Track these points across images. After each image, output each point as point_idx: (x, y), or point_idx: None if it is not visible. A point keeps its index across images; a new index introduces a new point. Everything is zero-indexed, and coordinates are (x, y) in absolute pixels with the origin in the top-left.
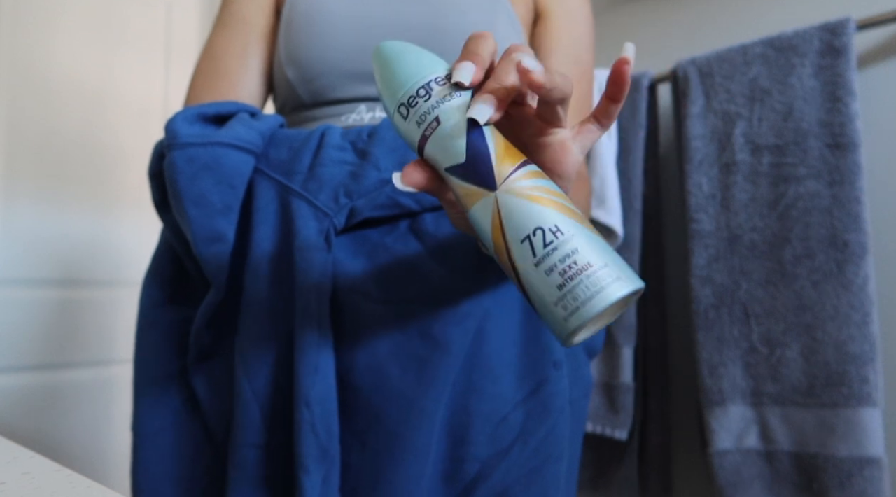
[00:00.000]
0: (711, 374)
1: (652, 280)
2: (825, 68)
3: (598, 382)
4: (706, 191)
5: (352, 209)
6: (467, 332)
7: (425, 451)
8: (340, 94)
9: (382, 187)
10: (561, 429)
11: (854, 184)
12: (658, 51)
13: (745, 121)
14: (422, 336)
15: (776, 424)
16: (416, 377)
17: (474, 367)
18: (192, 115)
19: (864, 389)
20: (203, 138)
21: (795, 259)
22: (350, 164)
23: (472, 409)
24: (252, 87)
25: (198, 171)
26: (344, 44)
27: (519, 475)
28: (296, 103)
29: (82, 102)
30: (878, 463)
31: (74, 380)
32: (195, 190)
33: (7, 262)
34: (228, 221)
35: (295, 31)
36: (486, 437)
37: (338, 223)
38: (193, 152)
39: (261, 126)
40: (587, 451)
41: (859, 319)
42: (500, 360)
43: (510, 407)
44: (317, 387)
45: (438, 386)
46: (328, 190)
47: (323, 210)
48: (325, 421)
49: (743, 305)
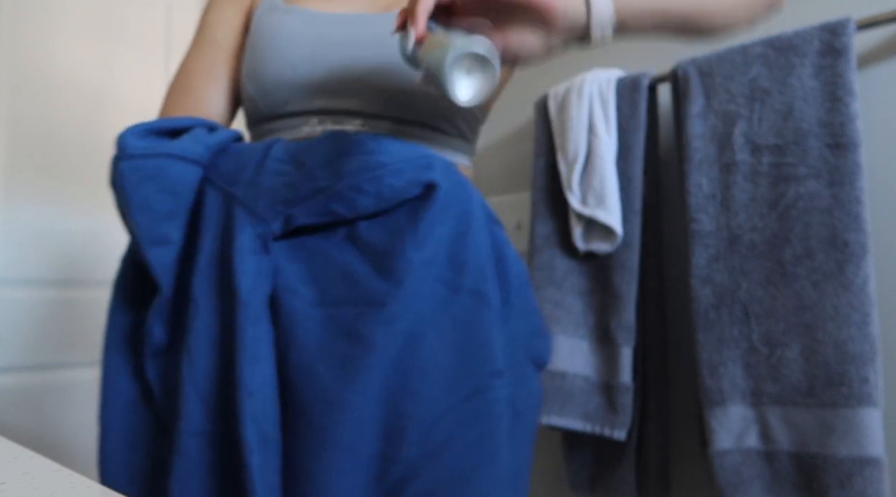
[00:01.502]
0: (711, 374)
1: (652, 280)
2: (825, 68)
3: (597, 382)
4: (706, 191)
5: (287, 216)
6: (395, 334)
7: (351, 446)
8: (295, 107)
9: (316, 196)
10: (498, 436)
11: (854, 184)
12: (658, 51)
13: (745, 121)
14: (348, 335)
15: (776, 424)
16: (341, 373)
17: (409, 369)
18: (141, 130)
19: (864, 389)
20: (148, 151)
21: (795, 259)
22: (288, 175)
23: (405, 411)
24: (219, 103)
25: (142, 180)
26: (298, 61)
27: (448, 478)
28: (257, 116)
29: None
30: (878, 463)
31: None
32: (139, 197)
33: (7, 262)
34: (173, 226)
35: (256, 50)
36: (416, 437)
37: (275, 229)
38: (138, 163)
39: (210, 140)
40: (585, 452)
41: (859, 319)
42: (435, 364)
43: (442, 410)
44: (257, 377)
45: (363, 381)
46: (266, 198)
47: (261, 216)
48: (265, 409)
49: (743, 305)
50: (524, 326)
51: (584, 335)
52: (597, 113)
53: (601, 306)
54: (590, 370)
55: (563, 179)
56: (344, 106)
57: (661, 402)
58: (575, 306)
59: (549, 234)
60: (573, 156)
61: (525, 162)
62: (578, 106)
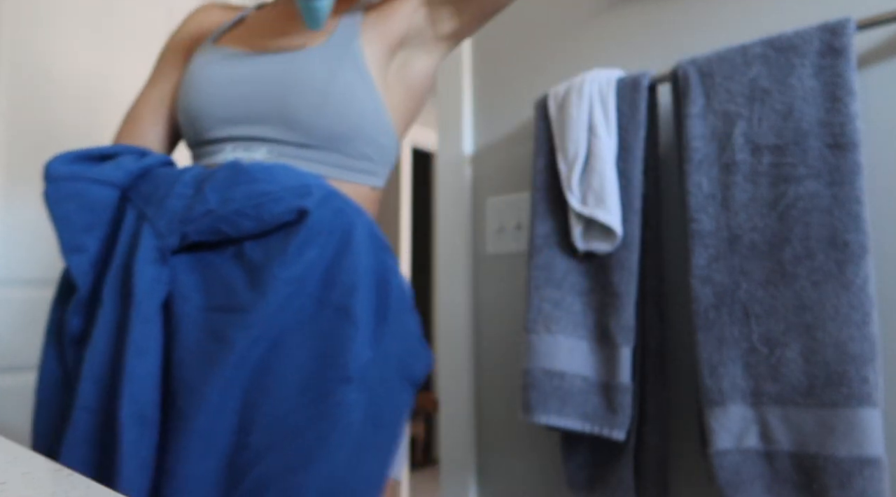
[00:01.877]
0: (711, 374)
1: (652, 280)
2: (825, 68)
3: (596, 382)
4: (706, 191)
5: (183, 233)
6: (255, 339)
7: (208, 433)
8: (213, 135)
9: (206, 217)
10: (338, 436)
11: (854, 184)
12: (658, 51)
13: (745, 121)
14: (214, 336)
15: (776, 424)
16: (206, 368)
17: (268, 370)
18: (71, 157)
19: (864, 389)
20: (69, 175)
21: (795, 259)
22: (188, 198)
23: (258, 405)
24: (160, 132)
25: (63, 199)
26: (215, 95)
27: (283, 467)
28: (188, 143)
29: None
30: (878, 463)
31: None
32: (61, 213)
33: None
34: (91, 237)
35: (183, 86)
36: (263, 429)
37: (172, 243)
38: (60, 185)
39: (134, 166)
40: (584, 452)
41: (859, 319)
42: (291, 367)
43: (290, 408)
44: (141, 367)
45: (220, 376)
46: (168, 217)
47: (161, 232)
48: (144, 394)
49: (743, 305)
50: (399, 346)
51: (583, 335)
52: (597, 113)
53: (600, 306)
54: (589, 370)
55: (563, 179)
56: (252, 134)
57: (660, 402)
58: (574, 306)
59: (549, 233)
60: (573, 156)
61: (525, 162)
62: (578, 106)
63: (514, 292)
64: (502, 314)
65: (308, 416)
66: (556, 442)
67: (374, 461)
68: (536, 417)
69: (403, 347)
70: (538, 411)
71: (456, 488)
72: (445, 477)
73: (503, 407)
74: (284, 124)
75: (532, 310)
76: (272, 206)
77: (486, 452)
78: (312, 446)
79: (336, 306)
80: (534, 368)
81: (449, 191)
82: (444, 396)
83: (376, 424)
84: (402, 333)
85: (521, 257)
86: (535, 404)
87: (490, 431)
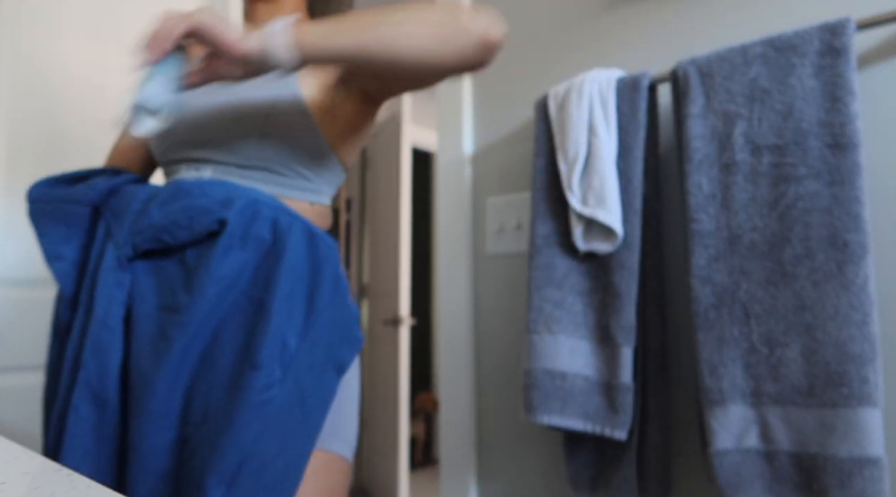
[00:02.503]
0: (711, 374)
1: (652, 280)
2: (825, 68)
3: (597, 382)
4: (706, 191)
5: (134, 243)
6: (193, 335)
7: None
8: (171, 156)
9: (149, 229)
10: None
11: (854, 184)
12: (658, 51)
13: (745, 121)
14: (161, 333)
15: (776, 424)
16: (154, 360)
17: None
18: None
19: (864, 389)
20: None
21: (795, 259)
22: (139, 213)
23: (197, 390)
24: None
25: (42, 216)
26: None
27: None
28: (159, 162)
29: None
30: (878, 463)
31: None
32: (41, 227)
33: (7, 262)
34: (69, 247)
35: None
36: (198, 409)
37: (127, 252)
38: (40, 206)
39: (104, 185)
40: (586, 452)
41: (859, 319)
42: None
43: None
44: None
45: (164, 367)
46: (125, 229)
47: (119, 243)
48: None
49: (743, 305)
50: (330, 335)
51: (584, 335)
52: (597, 113)
53: (601, 306)
54: (590, 370)
55: (563, 179)
56: (201, 156)
57: (661, 401)
58: (575, 306)
59: (549, 234)
60: (573, 156)
61: (525, 162)
62: (578, 106)
63: (514, 292)
64: (502, 314)
65: (221, 397)
66: (556, 442)
67: (294, 437)
68: (538, 417)
69: (335, 336)
70: (540, 411)
71: (456, 488)
72: (445, 477)
73: (503, 407)
74: (226, 149)
75: (533, 310)
76: (202, 218)
77: (486, 452)
78: (221, 423)
79: (257, 300)
80: (535, 369)
81: (449, 191)
82: (444, 396)
83: (301, 406)
84: (335, 322)
85: (521, 257)
86: (537, 404)
87: (490, 431)
